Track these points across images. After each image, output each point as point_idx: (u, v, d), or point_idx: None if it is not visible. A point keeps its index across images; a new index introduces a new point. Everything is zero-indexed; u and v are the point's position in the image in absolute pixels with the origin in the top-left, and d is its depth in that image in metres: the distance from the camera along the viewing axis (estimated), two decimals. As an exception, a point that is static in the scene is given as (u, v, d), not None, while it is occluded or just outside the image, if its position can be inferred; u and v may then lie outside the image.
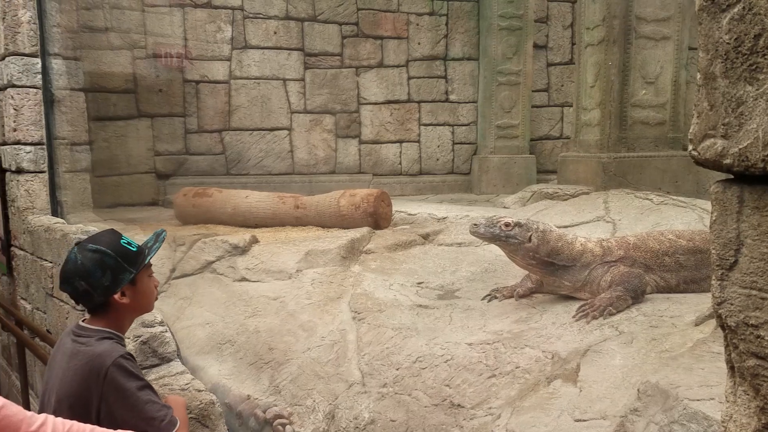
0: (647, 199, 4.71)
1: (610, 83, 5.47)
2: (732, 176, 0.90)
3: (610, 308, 2.75)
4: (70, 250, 1.77)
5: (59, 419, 1.35)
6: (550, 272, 3.02)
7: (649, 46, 5.45)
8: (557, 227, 3.96)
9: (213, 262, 3.93)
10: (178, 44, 6.78)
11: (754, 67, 0.81)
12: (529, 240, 2.94)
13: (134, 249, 1.81)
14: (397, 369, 2.85)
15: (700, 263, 2.96)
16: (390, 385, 2.75)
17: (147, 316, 2.89)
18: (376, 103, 7.70)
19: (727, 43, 0.84)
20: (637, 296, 2.80)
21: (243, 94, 7.18)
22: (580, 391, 2.28)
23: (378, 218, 4.95)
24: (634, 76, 5.46)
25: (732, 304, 0.90)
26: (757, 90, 0.81)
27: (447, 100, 8.02)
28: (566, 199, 5.42)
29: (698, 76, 0.92)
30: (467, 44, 7.97)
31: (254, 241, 4.21)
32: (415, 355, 2.90)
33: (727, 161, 0.87)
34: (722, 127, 0.87)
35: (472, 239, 3.69)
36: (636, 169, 5.41)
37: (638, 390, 1.97)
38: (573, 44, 8.10)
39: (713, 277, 0.95)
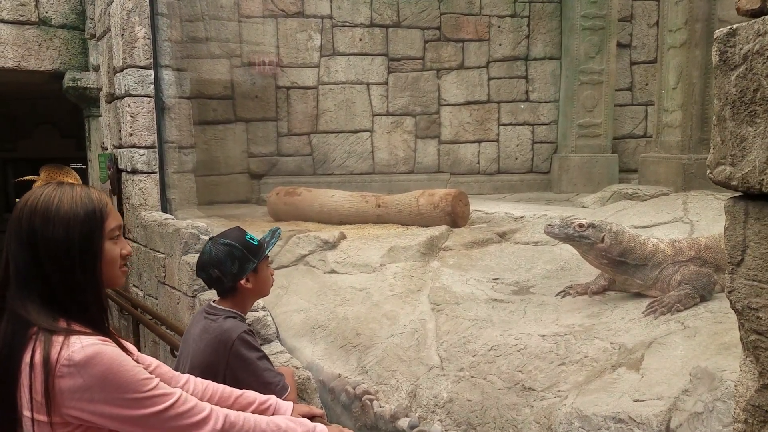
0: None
1: (692, 85, 5.45)
2: (739, 194, 1.14)
3: (678, 305, 2.89)
4: (205, 243, 2.18)
5: (198, 379, 1.70)
6: (622, 271, 3.17)
7: (732, 49, 5.36)
8: (634, 228, 4.08)
9: (306, 255, 4.35)
10: (271, 52, 7.29)
11: (753, 113, 1.05)
12: (602, 240, 3.10)
13: (256, 243, 2.19)
14: (473, 356, 3.11)
15: None
16: (466, 369, 3.01)
17: (251, 302, 3.32)
18: (455, 104, 7.90)
19: (734, 94, 1.09)
20: (705, 294, 2.92)
21: (330, 99, 7.60)
22: (642, 377, 2.47)
23: (456, 217, 5.15)
24: (716, 79, 5.39)
25: (739, 293, 1.14)
26: (755, 130, 1.05)
27: (527, 100, 8.09)
28: (645, 200, 5.43)
29: (714, 118, 1.16)
30: (549, 44, 8.00)
31: (342, 237, 4.59)
32: (490, 344, 3.13)
33: (734, 183, 1.11)
34: (730, 157, 1.11)
35: (548, 238, 3.83)
36: (717, 171, 5.35)
37: (690, 374, 2.15)
38: (658, 43, 7.94)
39: (726, 271, 1.19)
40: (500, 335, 3.16)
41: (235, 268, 2.10)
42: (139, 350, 1.56)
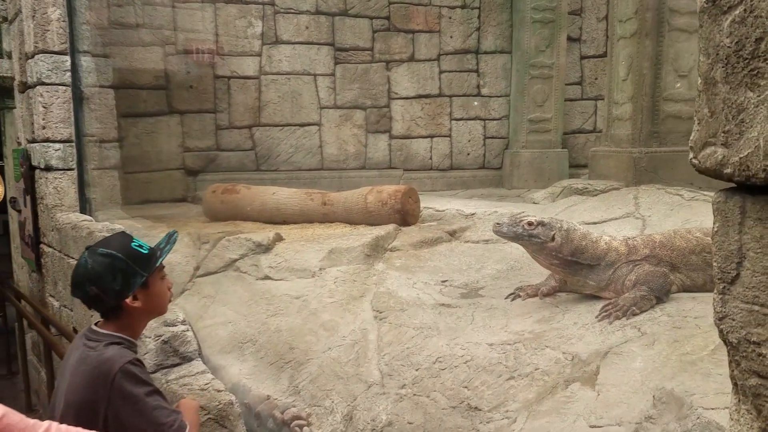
0: (678, 194, 4.62)
1: (643, 77, 5.31)
2: (734, 185, 0.84)
3: (634, 308, 2.70)
4: (81, 254, 1.80)
5: (63, 426, 1.35)
6: (574, 272, 2.97)
7: (683, 39, 5.27)
8: (585, 224, 3.89)
9: (236, 260, 3.96)
10: (209, 40, 6.85)
11: (755, 72, 0.75)
12: (553, 239, 2.90)
13: (145, 251, 1.82)
14: (417, 369, 2.82)
15: None
16: (409, 386, 2.72)
17: (169, 315, 2.93)
18: (407, 98, 7.65)
19: (728, 47, 0.78)
20: (661, 296, 2.74)
21: (273, 90, 7.22)
22: (598, 395, 2.22)
23: (405, 215, 4.91)
24: (667, 70, 5.30)
25: (734, 320, 0.85)
26: (758, 96, 0.75)
27: (479, 94, 7.91)
28: (596, 195, 5.33)
29: (698, 81, 0.86)
30: (499, 37, 7.85)
31: (278, 238, 4.22)
32: (435, 356, 2.87)
33: (728, 170, 0.81)
34: (723, 134, 0.81)
35: (495, 235, 3.63)
36: (667, 164, 5.27)
37: (654, 397, 1.89)
38: (607, 37, 7.89)
39: (715, 291, 0.90)
40: (446, 345, 2.90)
41: (118, 284, 1.74)
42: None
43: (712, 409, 1.64)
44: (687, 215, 4.24)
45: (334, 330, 3.28)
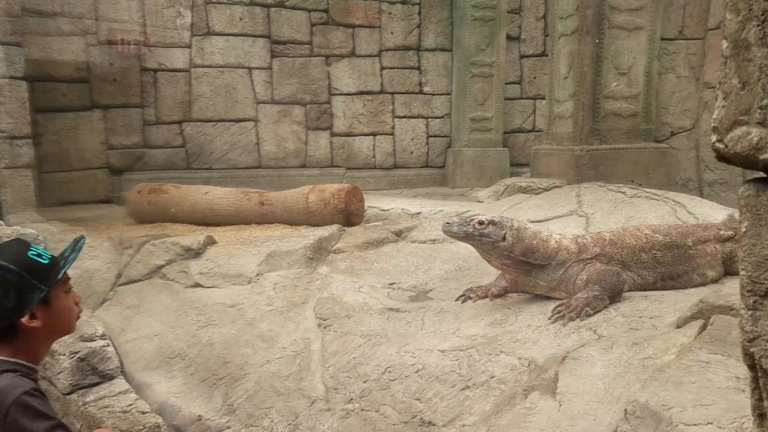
0: (620, 192, 4.66)
1: (583, 74, 5.31)
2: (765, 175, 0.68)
3: (587, 309, 2.62)
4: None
5: None
6: (526, 272, 2.88)
7: (623, 36, 5.31)
8: (531, 222, 3.80)
9: (163, 266, 3.62)
10: (135, 30, 6.39)
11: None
12: (504, 239, 2.79)
13: (45, 261, 1.54)
14: (365, 381, 2.63)
15: (677, 259, 2.88)
16: (356, 400, 2.51)
17: (86, 329, 2.61)
18: (348, 94, 7.42)
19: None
20: (614, 295, 2.69)
21: (205, 84, 6.84)
22: (560, 405, 2.08)
23: (349, 215, 4.71)
24: (607, 67, 5.32)
25: (767, 341, 0.69)
26: (816, 58, 0.58)
27: (421, 92, 7.80)
28: (539, 193, 5.32)
29: (724, 44, 0.69)
30: (440, 35, 7.76)
31: (210, 242, 3.91)
32: (384, 365, 2.68)
33: (766, 156, 0.64)
34: (759, 111, 0.64)
35: (446, 236, 3.49)
36: (609, 162, 5.31)
37: (626, 410, 1.76)
38: (546, 36, 7.96)
39: (742, 305, 0.73)
40: (396, 353, 2.72)
41: (11, 301, 1.45)
42: None
43: (695, 425, 1.52)
44: (630, 212, 4.26)
45: (274, 341, 3.03)
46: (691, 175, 6.09)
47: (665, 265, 2.86)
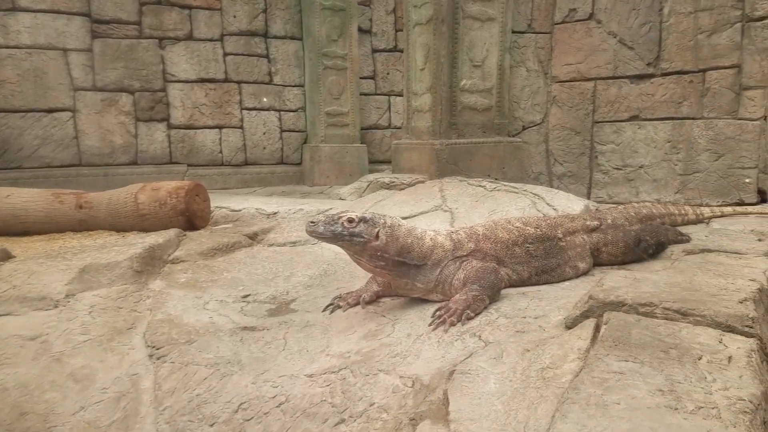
0: (480, 186, 4.58)
1: (440, 65, 5.12)
2: None
3: (468, 312, 2.35)
4: None
5: None
6: (402, 273, 2.55)
7: (476, 27, 5.20)
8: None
9: (-69, 291, 2.72)
10: None
11: None
12: (377, 237, 2.43)
13: None
14: (212, 425, 2.06)
15: (549, 252, 2.76)
16: (202, 452, 1.94)
17: None
18: (187, 81, 6.63)
19: None
20: (494, 294, 2.46)
21: (10, 67, 5.72)
22: (458, 437, 1.69)
23: (192, 216, 4.06)
24: (462, 59, 5.18)
25: None
26: None
27: (271, 82, 7.22)
28: (403, 189, 5.11)
29: None
30: (289, 22, 7.26)
31: (4, 256, 3.04)
32: (237, 401, 2.13)
33: None
34: None
35: (308, 236, 3.03)
36: (466, 156, 5.20)
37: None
38: (397, 31, 7.79)
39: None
40: (252, 384, 2.19)
41: None
42: None
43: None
44: (492, 206, 4.19)
45: (90, 380, 2.34)
46: (542, 168, 6.20)
47: (538, 259, 2.71)
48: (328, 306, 2.72)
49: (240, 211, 4.61)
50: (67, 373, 2.38)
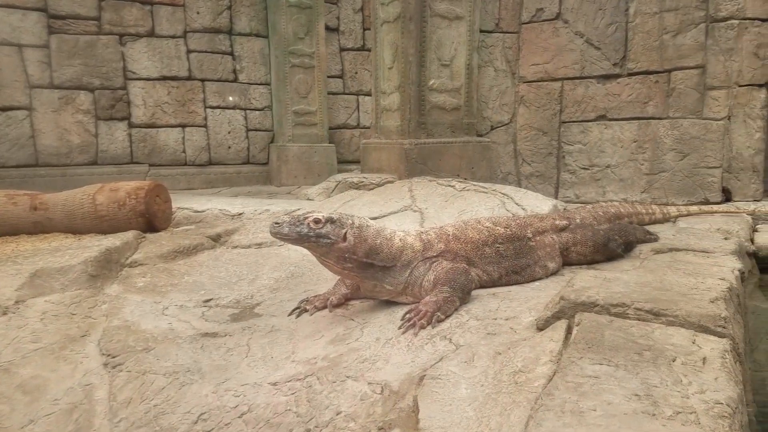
0: (450, 186, 4.55)
1: (408, 64, 5.07)
2: None
3: (438, 314, 2.30)
4: None
5: None
6: (370, 275, 2.50)
7: (444, 26, 5.16)
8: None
9: None
10: None
11: None
12: (344, 238, 2.37)
13: None
14: (171, 438, 1.95)
15: (519, 251, 2.74)
16: (159, 467, 1.83)
17: None
18: (148, 79, 6.43)
19: None
20: (464, 295, 2.42)
21: (-40, 64, 5.44)
22: (429, 447, 1.63)
23: (152, 218, 3.92)
24: (431, 58, 5.14)
25: None
26: None
27: (236, 80, 7.06)
28: (372, 189, 5.05)
29: None
30: (254, 19, 7.13)
31: (-52, 261, 2.88)
32: (196, 412, 2.03)
33: None
34: None
35: (274, 238, 2.93)
36: (435, 156, 5.17)
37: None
38: (365, 29, 7.72)
39: None
40: (213, 393, 2.10)
41: None
42: None
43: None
44: (462, 206, 4.17)
45: (41, 392, 2.21)
46: (510, 168, 6.20)
47: (508, 259, 2.68)
48: (294, 310, 2.65)
49: (203, 212, 4.49)
50: (16, 384, 2.24)
